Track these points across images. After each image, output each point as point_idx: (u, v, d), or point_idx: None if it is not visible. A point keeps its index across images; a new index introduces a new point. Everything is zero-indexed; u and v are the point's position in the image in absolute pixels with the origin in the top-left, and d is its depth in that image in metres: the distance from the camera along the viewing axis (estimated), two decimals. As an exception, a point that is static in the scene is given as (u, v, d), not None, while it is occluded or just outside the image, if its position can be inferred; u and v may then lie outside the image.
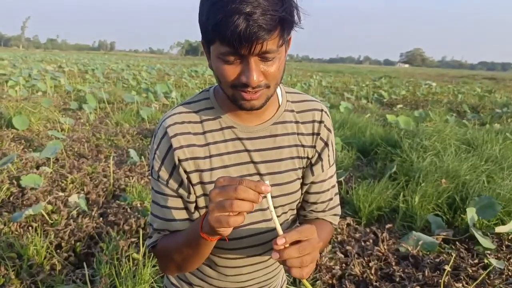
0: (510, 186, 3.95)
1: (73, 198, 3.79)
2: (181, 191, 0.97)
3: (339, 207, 1.15)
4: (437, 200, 3.91)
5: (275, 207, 1.01)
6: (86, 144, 5.98)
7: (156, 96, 11.54)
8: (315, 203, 1.09)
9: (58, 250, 2.97)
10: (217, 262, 1.07)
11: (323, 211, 1.11)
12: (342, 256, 3.02)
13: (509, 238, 3.42)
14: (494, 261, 2.78)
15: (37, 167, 4.74)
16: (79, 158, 5.35)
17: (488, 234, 3.43)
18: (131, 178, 4.47)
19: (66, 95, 11.93)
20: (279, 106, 1.03)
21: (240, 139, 0.97)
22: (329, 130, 1.06)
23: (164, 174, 0.96)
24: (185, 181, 0.96)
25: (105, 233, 3.22)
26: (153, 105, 9.81)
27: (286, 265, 0.76)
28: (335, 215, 1.14)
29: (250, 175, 0.98)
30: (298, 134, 1.03)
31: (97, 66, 27.92)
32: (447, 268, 2.61)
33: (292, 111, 1.04)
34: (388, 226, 3.52)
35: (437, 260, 2.98)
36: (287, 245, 0.75)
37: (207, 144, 0.96)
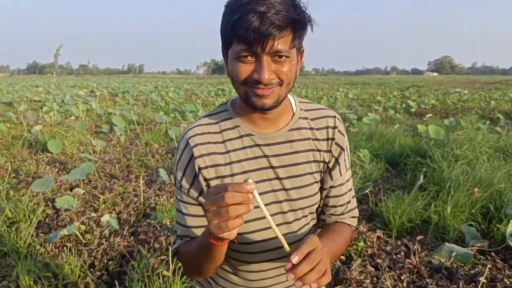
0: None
1: (105, 218, 3.89)
2: (201, 199, 1.03)
3: (357, 209, 1.19)
4: (470, 210, 3.80)
5: (295, 210, 1.06)
6: (117, 165, 6.14)
7: (184, 116, 11.75)
8: (334, 206, 1.12)
9: (91, 269, 3.05)
10: (240, 268, 1.10)
11: (342, 213, 1.14)
12: (373, 269, 2.97)
13: (549, 248, 3.27)
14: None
15: (71, 189, 4.90)
16: (111, 179, 5.49)
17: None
18: (160, 196, 4.55)
19: (98, 118, 12.30)
20: (294, 114, 1.08)
21: (258, 145, 1.02)
22: (343, 134, 1.11)
23: (185, 183, 1.03)
24: (205, 189, 1.02)
25: (136, 251, 3.29)
26: (181, 125, 10.00)
27: (304, 283, 0.77)
28: (353, 217, 1.18)
29: (270, 179, 1.03)
30: (313, 139, 1.07)
31: (127, 89, 28.71)
32: (482, 279, 2.52)
33: (306, 118, 1.09)
34: (419, 237, 3.44)
35: (472, 272, 2.89)
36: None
37: (227, 152, 1.01)
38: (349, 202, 1.14)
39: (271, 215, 0.90)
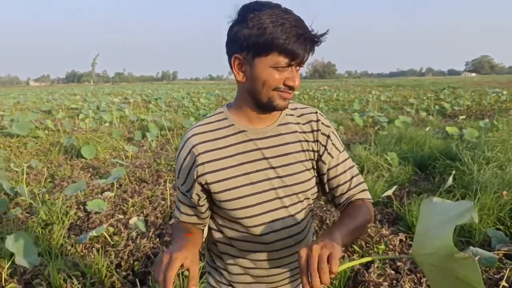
0: None
1: (133, 220, 4.03)
2: (190, 193, 1.18)
3: (365, 183, 1.28)
4: (498, 213, 3.70)
5: (290, 195, 1.17)
6: (147, 170, 6.32)
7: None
8: (338, 185, 1.23)
9: (118, 269, 3.18)
10: (252, 257, 1.22)
11: (349, 189, 1.23)
12: (393, 272, 2.95)
13: None
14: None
15: (102, 193, 5.10)
16: (141, 183, 5.67)
17: (556, 248, 3.18)
18: (186, 200, 4.65)
19: (131, 125, 12.68)
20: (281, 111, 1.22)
21: (251, 140, 1.15)
22: (326, 125, 1.24)
23: (181, 177, 1.18)
24: (197, 185, 1.15)
25: (161, 252, 3.40)
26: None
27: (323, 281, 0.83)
28: (363, 191, 1.26)
29: (265, 169, 1.15)
30: (300, 132, 1.21)
31: (160, 95, 29.37)
32: (503, 283, 2.47)
33: (293, 115, 1.23)
34: (441, 241, 3.38)
35: (497, 276, 2.82)
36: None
37: (224, 147, 1.14)
38: (352, 178, 1.24)
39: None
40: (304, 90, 36.52)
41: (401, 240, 3.51)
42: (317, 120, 1.23)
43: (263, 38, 1.00)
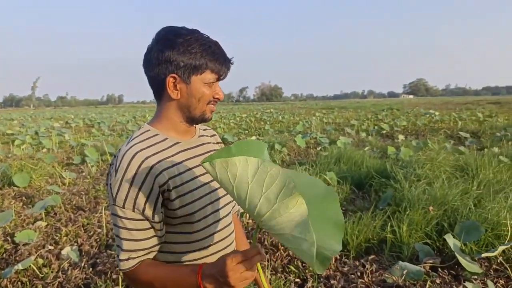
0: (496, 209, 3.94)
1: (66, 250, 3.86)
2: (153, 209, 1.15)
3: None
4: (425, 228, 3.90)
5: (226, 205, 1.35)
6: (85, 197, 6.09)
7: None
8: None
9: (45, 303, 3.01)
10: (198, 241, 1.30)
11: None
12: (327, 290, 3.02)
13: (498, 261, 3.39)
14: (470, 286, 2.76)
15: (34, 223, 4.84)
16: (77, 211, 5.44)
17: (476, 259, 3.40)
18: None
19: (71, 150, 12.19)
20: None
21: (186, 150, 1.26)
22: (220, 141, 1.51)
23: (141, 196, 1.13)
24: (161, 197, 1.16)
25: (94, 283, 3.27)
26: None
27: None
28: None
29: (203, 174, 1.27)
30: (213, 143, 1.42)
31: (103, 119, 28.57)
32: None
33: (200, 129, 1.41)
34: (371, 257, 3.51)
35: (423, 288, 2.96)
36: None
37: (168, 157, 1.20)
38: None
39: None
40: (251, 112, 36.94)
41: (336, 259, 3.60)
42: (215, 135, 1.48)
43: (198, 59, 1.16)
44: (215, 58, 1.18)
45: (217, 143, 1.46)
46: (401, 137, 12.13)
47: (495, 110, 26.03)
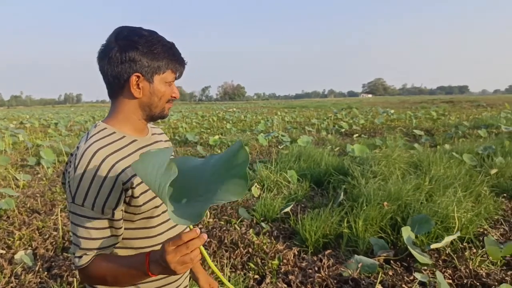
0: (445, 202, 4.14)
1: (19, 255, 3.74)
2: (113, 207, 1.16)
3: None
4: (380, 222, 4.05)
5: None
6: (40, 199, 5.90)
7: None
8: None
9: (-3, 309, 2.92)
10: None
11: None
12: (285, 285, 3.08)
13: (446, 252, 3.57)
14: (419, 276, 2.91)
15: (-15, 227, 4.64)
16: (32, 214, 5.27)
17: (427, 250, 3.57)
18: (82, 229, 4.42)
19: (25, 151, 11.74)
20: None
21: (143, 147, 1.30)
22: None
23: (102, 194, 1.13)
24: (123, 194, 1.17)
25: (49, 287, 3.19)
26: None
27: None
28: None
29: None
30: (162, 141, 1.46)
31: (60, 119, 27.64)
32: (377, 286, 2.71)
33: (152, 127, 1.46)
34: (328, 252, 3.62)
35: (375, 280, 3.08)
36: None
37: (128, 155, 1.22)
38: None
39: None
40: (214, 111, 36.81)
41: (294, 254, 3.68)
42: (163, 133, 1.55)
43: (161, 59, 1.22)
44: (175, 58, 1.26)
45: (166, 141, 1.51)
46: (356, 135, 12.47)
47: (448, 109, 27.20)
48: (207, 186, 1.02)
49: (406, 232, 3.50)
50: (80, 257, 1.16)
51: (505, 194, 5.39)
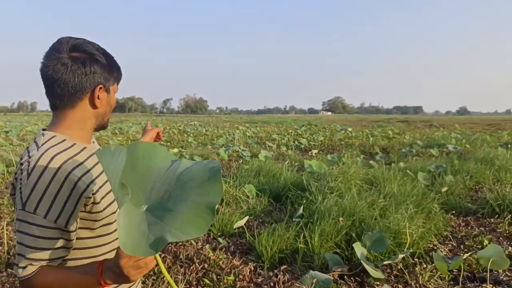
0: (397, 219, 4.26)
1: (-42, 271, 3.51)
2: (69, 217, 1.14)
3: None
4: (335, 238, 4.11)
5: None
6: (-16, 212, 5.58)
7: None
8: None
9: None
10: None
11: None
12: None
13: (398, 268, 3.66)
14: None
15: None
16: (-25, 227, 4.97)
17: (379, 266, 3.65)
18: (29, 243, 4.22)
19: (-29, 161, 11.12)
20: None
21: (91, 155, 1.27)
22: None
23: (58, 202, 1.10)
24: (81, 203, 1.15)
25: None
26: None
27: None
28: None
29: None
30: (99, 148, 1.43)
31: (13, 128, 26.47)
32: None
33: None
34: (284, 267, 3.63)
35: (330, 295, 3.11)
36: None
37: (82, 163, 1.20)
38: None
39: None
40: (175, 124, 36.43)
41: (250, 270, 3.66)
42: (95, 141, 1.52)
43: (115, 71, 1.30)
44: (120, 70, 1.34)
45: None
46: (314, 151, 12.68)
47: (403, 128, 28.24)
48: (170, 199, 0.93)
49: (359, 248, 3.57)
50: (24, 267, 1.10)
51: (453, 211, 5.62)
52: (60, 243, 1.13)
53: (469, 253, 3.85)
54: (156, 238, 0.85)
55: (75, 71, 1.19)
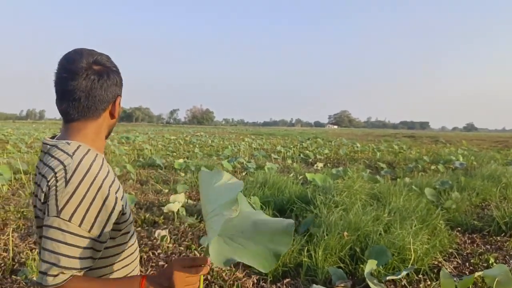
0: (402, 234, 4.24)
1: (-37, 276, 3.54)
2: (105, 227, 1.16)
3: None
4: (339, 252, 4.09)
5: None
6: (-9, 218, 5.62)
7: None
8: None
9: None
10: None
11: None
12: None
13: (402, 284, 3.64)
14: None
15: None
16: (-19, 233, 5.00)
17: (383, 281, 3.63)
18: (34, 250, 4.25)
19: (-21, 167, 11.21)
20: None
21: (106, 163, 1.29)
22: None
23: (89, 217, 1.12)
24: (118, 212, 1.19)
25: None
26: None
27: None
28: None
29: None
30: None
31: (22, 136, 26.70)
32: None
33: None
34: (287, 280, 3.62)
35: (333, 310, 3.09)
36: None
37: (108, 173, 1.22)
38: None
39: None
40: (181, 135, 36.56)
41: (253, 282, 3.65)
42: None
43: (122, 82, 1.32)
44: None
45: None
46: (320, 164, 12.66)
47: (409, 143, 28.14)
48: (249, 240, 1.13)
49: (370, 265, 3.55)
50: (55, 275, 1.08)
51: (459, 228, 5.58)
52: (90, 252, 1.13)
53: (478, 273, 3.81)
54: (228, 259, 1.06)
55: (102, 84, 1.23)
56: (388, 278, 3.52)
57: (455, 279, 3.71)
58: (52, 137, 1.28)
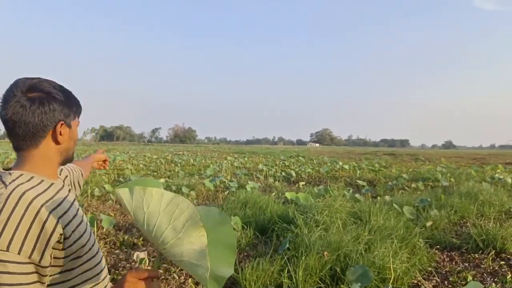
0: (382, 253, 4.27)
1: None
2: (35, 256, 1.12)
3: None
4: (319, 272, 4.08)
5: None
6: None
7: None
8: None
9: None
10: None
11: None
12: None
13: (382, 304, 3.64)
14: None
15: None
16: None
17: (363, 301, 3.62)
18: None
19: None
20: None
21: (59, 189, 1.30)
22: None
23: (29, 241, 1.10)
24: (54, 243, 1.16)
25: None
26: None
27: None
28: None
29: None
30: (66, 184, 1.47)
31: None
32: None
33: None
34: (267, 302, 3.58)
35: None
36: None
37: (50, 199, 1.21)
38: None
39: None
40: (163, 154, 36.29)
41: (233, 305, 3.60)
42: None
43: (75, 106, 1.35)
44: (80, 104, 1.40)
45: (68, 184, 1.61)
46: (302, 183, 12.70)
47: (390, 161, 28.50)
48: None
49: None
50: None
51: (438, 246, 5.64)
52: (36, 277, 1.13)
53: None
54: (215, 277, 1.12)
55: (34, 111, 1.22)
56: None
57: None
58: (8, 168, 1.28)
